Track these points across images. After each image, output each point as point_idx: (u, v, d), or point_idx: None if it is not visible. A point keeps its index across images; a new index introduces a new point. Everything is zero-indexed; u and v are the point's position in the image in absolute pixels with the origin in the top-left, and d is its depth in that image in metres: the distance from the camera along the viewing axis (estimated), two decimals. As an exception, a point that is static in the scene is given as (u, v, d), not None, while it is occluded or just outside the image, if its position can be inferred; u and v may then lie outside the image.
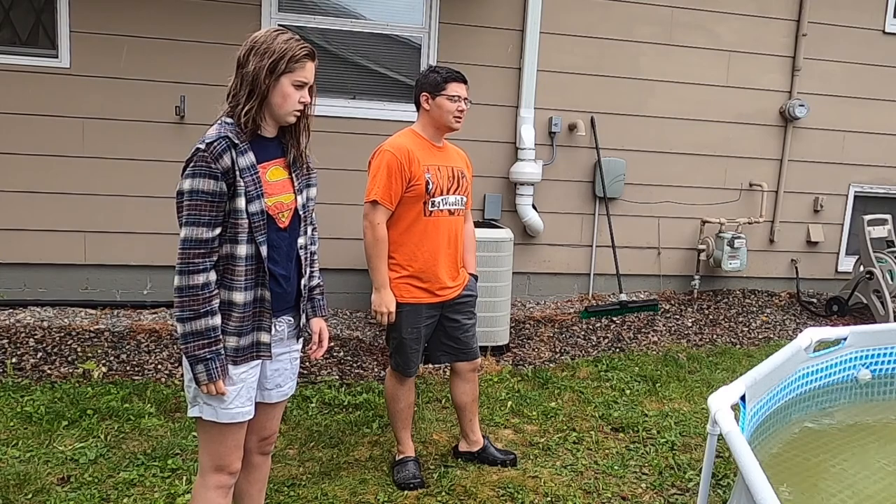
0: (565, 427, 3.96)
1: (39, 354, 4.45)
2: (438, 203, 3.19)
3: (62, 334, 4.68)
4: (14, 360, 4.36)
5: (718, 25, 6.05)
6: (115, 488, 3.11)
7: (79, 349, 4.55)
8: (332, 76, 5.44)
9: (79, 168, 5.10)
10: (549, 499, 3.22)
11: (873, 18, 6.31)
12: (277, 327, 2.32)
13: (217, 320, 2.14)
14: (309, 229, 2.41)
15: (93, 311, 5.11)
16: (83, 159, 5.10)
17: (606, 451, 3.71)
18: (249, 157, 2.16)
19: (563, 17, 5.72)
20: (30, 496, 3.01)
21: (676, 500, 3.27)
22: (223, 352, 2.17)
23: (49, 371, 4.29)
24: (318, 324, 2.51)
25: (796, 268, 6.54)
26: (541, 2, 5.51)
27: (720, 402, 2.47)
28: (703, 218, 6.23)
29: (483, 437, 3.55)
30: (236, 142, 2.13)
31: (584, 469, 3.51)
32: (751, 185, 6.32)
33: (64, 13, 4.96)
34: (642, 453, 3.70)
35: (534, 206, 5.77)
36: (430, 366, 4.56)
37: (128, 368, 4.41)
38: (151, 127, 5.16)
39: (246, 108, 2.15)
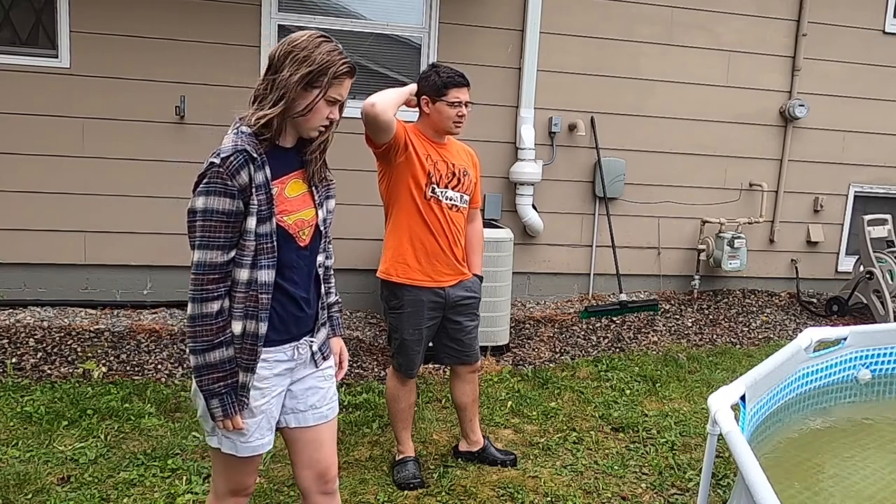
0: (565, 427, 3.96)
1: (39, 354, 4.45)
2: (439, 193, 3.18)
3: (62, 334, 4.68)
4: (14, 360, 4.36)
5: (718, 25, 6.05)
6: (115, 488, 3.11)
7: (79, 349, 4.55)
8: (332, 76, 5.43)
9: (79, 168, 5.10)
10: (549, 499, 3.22)
11: (873, 18, 6.31)
12: (300, 350, 2.15)
13: (232, 351, 1.97)
14: (325, 244, 2.25)
15: (93, 311, 5.11)
16: (83, 159, 5.10)
17: (606, 451, 3.71)
18: (266, 173, 1.97)
19: (563, 17, 5.72)
20: (30, 496, 3.01)
21: (676, 500, 3.27)
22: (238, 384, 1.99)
23: (49, 371, 4.29)
24: (337, 343, 2.35)
25: (796, 268, 6.54)
26: (541, 2, 5.51)
27: (720, 402, 2.47)
28: (703, 218, 6.23)
29: (483, 437, 3.55)
30: (254, 155, 1.93)
31: (584, 469, 3.51)
32: (751, 185, 6.32)
33: (64, 13, 4.96)
34: (642, 453, 3.70)
35: (534, 206, 5.77)
36: (431, 366, 4.56)
37: (128, 368, 4.41)
38: (151, 127, 5.16)
39: (270, 115, 1.95)
